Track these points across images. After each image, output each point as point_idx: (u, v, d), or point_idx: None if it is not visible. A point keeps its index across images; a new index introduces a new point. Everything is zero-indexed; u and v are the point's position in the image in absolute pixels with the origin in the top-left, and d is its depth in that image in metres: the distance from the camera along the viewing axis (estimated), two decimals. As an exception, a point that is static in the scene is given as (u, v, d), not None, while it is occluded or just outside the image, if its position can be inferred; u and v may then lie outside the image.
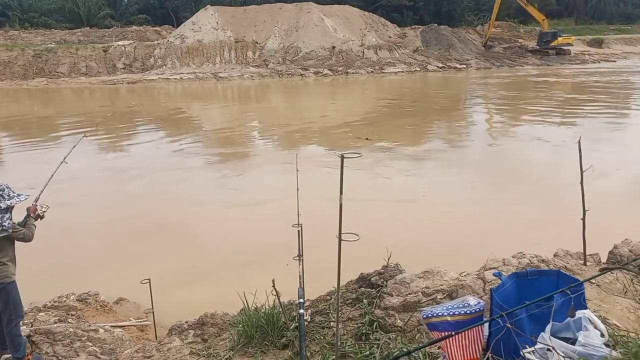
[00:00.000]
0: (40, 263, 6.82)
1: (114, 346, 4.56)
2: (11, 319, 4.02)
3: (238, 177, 11.60)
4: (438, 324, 2.41)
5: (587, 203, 4.07)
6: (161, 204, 9.61)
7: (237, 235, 7.88)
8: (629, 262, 3.91)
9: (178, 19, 53.24)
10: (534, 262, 4.04)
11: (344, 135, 16.03)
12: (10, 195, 3.89)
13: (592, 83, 30.05)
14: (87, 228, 8.32)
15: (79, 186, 10.93)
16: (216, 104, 26.28)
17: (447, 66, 40.69)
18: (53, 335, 4.56)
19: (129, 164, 13.25)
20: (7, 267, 3.96)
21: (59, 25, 49.60)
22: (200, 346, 3.41)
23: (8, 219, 3.86)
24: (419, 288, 3.51)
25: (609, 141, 13.98)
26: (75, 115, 21.61)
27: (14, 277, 4.01)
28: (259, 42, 40.61)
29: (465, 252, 6.29)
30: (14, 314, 4.02)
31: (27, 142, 16.23)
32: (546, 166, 11.64)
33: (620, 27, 66.71)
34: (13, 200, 3.88)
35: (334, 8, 44.73)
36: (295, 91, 30.95)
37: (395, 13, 55.44)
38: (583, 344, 2.32)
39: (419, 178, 11.06)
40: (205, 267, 6.75)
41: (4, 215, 3.84)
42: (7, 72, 34.88)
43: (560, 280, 2.69)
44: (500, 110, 21.54)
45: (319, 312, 3.53)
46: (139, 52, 38.62)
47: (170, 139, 16.47)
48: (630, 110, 20.81)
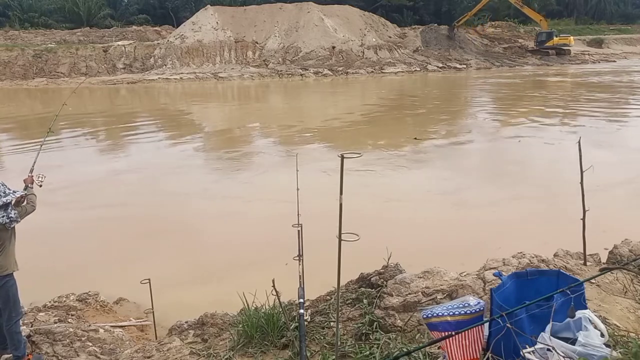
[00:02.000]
0: (41, 263, 6.82)
1: (114, 346, 4.56)
2: (11, 316, 4.04)
3: (238, 177, 11.59)
4: (438, 324, 2.41)
5: (587, 203, 4.07)
6: (161, 204, 9.61)
7: (237, 235, 7.88)
8: (629, 262, 3.91)
9: (178, 19, 53.23)
10: (534, 262, 4.04)
11: (344, 135, 16.03)
12: (6, 192, 4.00)
13: (592, 83, 30.05)
14: (87, 228, 8.32)
15: (79, 186, 10.94)
16: (216, 104, 26.29)
17: (447, 66, 40.71)
18: (53, 335, 4.56)
19: (129, 164, 13.25)
20: (6, 259, 4.01)
21: (59, 25, 49.58)
22: (200, 346, 3.41)
23: (12, 210, 3.99)
24: (419, 288, 3.51)
25: (609, 141, 13.99)
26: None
27: (12, 270, 4.05)
28: (259, 42, 40.61)
29: (465, 252, 6.29)
30: (14, 311, 4.04)
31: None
32: (546, 166, 11.63)
33: (620, 27, 66.71)
34: (9, 197, 4.01)
35: (334, 8, 44.72)
36: (295, 91, 30.95)
37: (395, 13, 55.45)
38: (583, 344, 2.32)
39: (420, 178, 11.06)
40: (205, 267, 6.75)
41: (5, 210, 3.95)
42: (7, 72, 34.89)
43: (560, 280, 2.69)
44: (500, 110, 21.53)
45: (319, 312, 3.53)
46: (139, 52, 38.62)
47: (170, 139, 16.48)
48: (631, 110, 20.80)
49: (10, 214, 3.99)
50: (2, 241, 4.02)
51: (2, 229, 3.99)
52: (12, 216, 3.99)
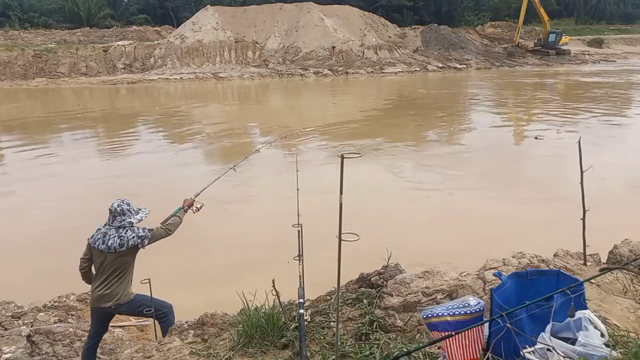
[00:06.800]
0: (41, 263, 6.82)
1: (114, 346, 4.57)
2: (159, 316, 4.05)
3: (238, 177, 11.58)
4: (438, 324, 2.41)
5: (587, 203, 4.07)
6: (161, 204, 9.56)
7: (237, 235, 7.88)
8: (629, 262, 3.91)
9: (178, 19, 53.25)
10: (534, 262, 4.03)
11: (344, 135, 16.02)
12: (136, 210, 3.99)
13: (592, 82, 30.04)
14: (87, 228, 8.30)
15: (78, 186, 10.94)
16: (216, 104, 26.28)
17: (447, 66, 40.70)
18: (53, 335, 4.56)
19: (128, 164, 13.25)
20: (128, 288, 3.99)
21: (59, 25, 49.58)
22: (200, 346, 3.41)
23: (143, 229, 3.95)
24: (419, 288, 3.50)
25: (610, 141, 13.99)
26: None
27: (130, 298, 4.00)
28: (259, 42, 40.61)
29: (465, 252, 6.29)
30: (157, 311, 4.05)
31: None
32: (546, 166, 11.64)
33: (620, 27, 66.70)
34: (141, 215, 3.99)
35: (334, 8, 44.70)
36: (295, 91, 30.94)
37: (395, 13, 55.47)
38: (583, 344, 2.32)
39: (420, 178, 11.06)
40: (205, 267, 6.75)
41: (133, 230, 3.91)
42: (7, 72, 34.86)
43: (560, 280, 2.69)
44: (500, 110, 21.53)
45: (319, 312, 3.52)
46: (139, 52, 38.61)
47: (170, 139, 16.48)
48: (631, 110, 20.81)
49: (139, 232, 3.89)
50: (123, 267, 3.93)
51: (124, 254, 3.88)
52: (141, 234, 3.88)
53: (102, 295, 3.89)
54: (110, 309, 3.94)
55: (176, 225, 4.19)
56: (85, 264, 4.06)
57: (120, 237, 3.83)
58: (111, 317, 4.19)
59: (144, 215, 4.01)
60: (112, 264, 3.87)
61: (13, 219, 9.01)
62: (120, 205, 3.93)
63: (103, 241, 3.86)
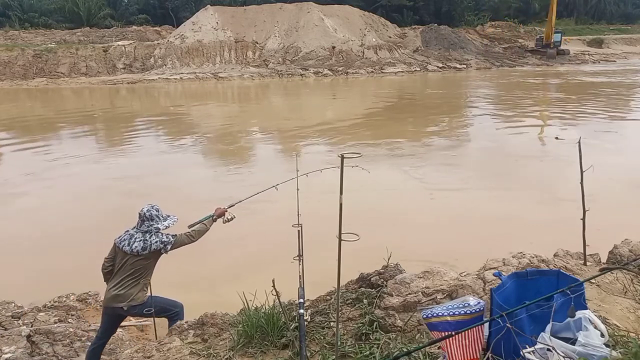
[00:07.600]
0: (41, 263, 6.82)
1: (114, 346, 4.56)
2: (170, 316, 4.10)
3: (238, 176, 11.59)
4: (438, 324, 2.41)
5: (587, 203, 4.07)
6: (160, 204, 9.58)
7: (237, 235, 7.87)
8: (629, 262, 3.91)
9: (178, 19, 53.23)
10: (534, 262, 4.03)
11: (344, 135, 16.02)
12: (164, 216, 4.04)
13: (593, 83, 30.05)
14: (87, 228, 8.32)
15: (78, 187, 10.94)
16: (216, 104, 26.28)
17: (447, 66, 40.68)
18: (53, 335, 4.56)
19: (128, 164, 13.24)
20: (143, 291, 4.01)
21: (59, 25, 49.57)
22: (200, 346, 3.41)
23: (167, 235, 3.99)
24: (419, 288, 3.50)
25: (610, 141, 13.99)
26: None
27: (144, 300, 4.02)
28: (259, 42, 40.60)
29: (465, 252, 6.29)
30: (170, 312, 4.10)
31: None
32: (546, 165, 11.63)
33: (620, 27, 66.68)
34: (169, 221, 4.04)
35: (334, 8, 44.70)
36: (295, 91, 30.94)
37: (395, 13, 55.44)
38: (583, 344, 2.32)
39: (420, 178, 11.05)
40: (205, 267, 6.75)
41: (161, 233, 3.96)
42: (7, 72, 34.84)
43: (560, 280, 2.69)
44: (500, 110, 21.52)
45: (319, 312, 3.52)
46: (139, 52, 38.60)
47: (170, 139, 16.47)
48: (631, 110, 20.80)
49: (163, 238, 3.94)
50: (142, 270, 3.96)
51: (145, 257, 3.93)
52: (164, 240, 3.93)
53: (116, 295, 3.92)
54: (122, 310, 3.97)
55: (201, 233, 4.24)
56: (109, 264, 4.08)
57: (144, 241, 3.91)
58: (122, 319, 4.22)
59: (171, 222, 4.06)
60: (132, 266, 3.93)
61: (13, 218, 9.02)
62: (150, 210, 4.00)
63: (128, 243, 3.93)
